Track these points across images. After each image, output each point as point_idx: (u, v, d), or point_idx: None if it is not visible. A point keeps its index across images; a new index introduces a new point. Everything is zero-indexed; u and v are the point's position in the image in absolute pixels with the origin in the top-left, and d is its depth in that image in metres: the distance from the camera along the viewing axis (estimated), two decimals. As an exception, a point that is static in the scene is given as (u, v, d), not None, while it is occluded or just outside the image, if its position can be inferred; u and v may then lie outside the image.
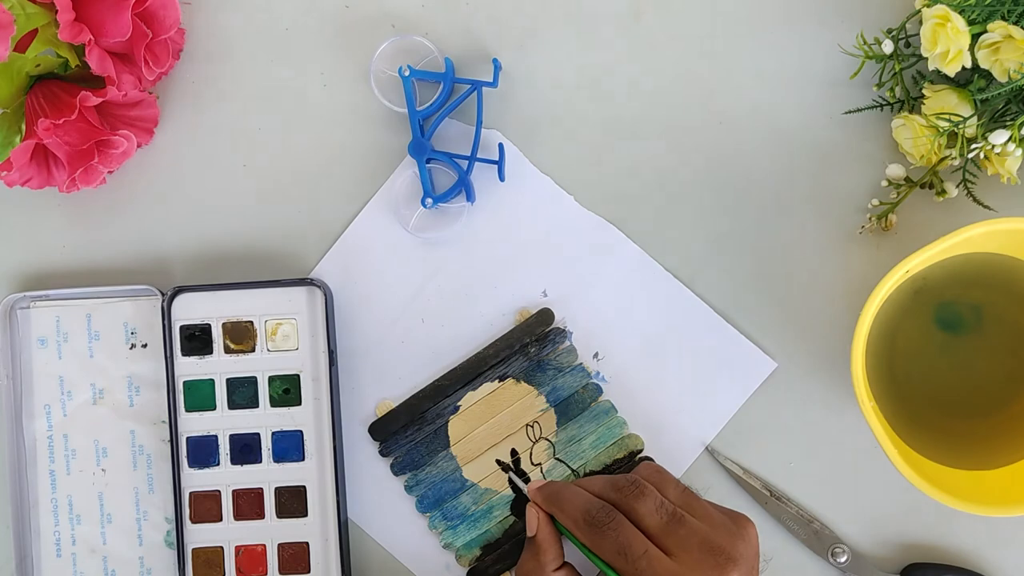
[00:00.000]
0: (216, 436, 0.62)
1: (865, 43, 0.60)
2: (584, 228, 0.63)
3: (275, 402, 0.62)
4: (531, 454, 0.62)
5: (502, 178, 0.62)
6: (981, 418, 0.59)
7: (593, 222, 0.63)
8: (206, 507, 0.62)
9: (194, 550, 0.62)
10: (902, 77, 0.60)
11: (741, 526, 0.54)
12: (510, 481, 0.62)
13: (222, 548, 0.62)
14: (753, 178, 0.63)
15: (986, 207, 0.60)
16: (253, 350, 0.62)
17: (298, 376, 0.62)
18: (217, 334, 0.62)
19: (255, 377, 0.62)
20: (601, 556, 0.53)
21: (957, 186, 0.60)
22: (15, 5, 0.56)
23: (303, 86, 0.64)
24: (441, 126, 0.63)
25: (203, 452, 0.62)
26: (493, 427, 0.62)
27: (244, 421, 0.62)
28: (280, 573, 0.62)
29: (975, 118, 0.57)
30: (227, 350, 0.62)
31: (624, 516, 0.53)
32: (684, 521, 0.53)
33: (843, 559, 0.61)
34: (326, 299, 0.61)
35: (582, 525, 0.54)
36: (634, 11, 0.63)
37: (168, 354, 0.61)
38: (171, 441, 0.62)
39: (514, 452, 0.62)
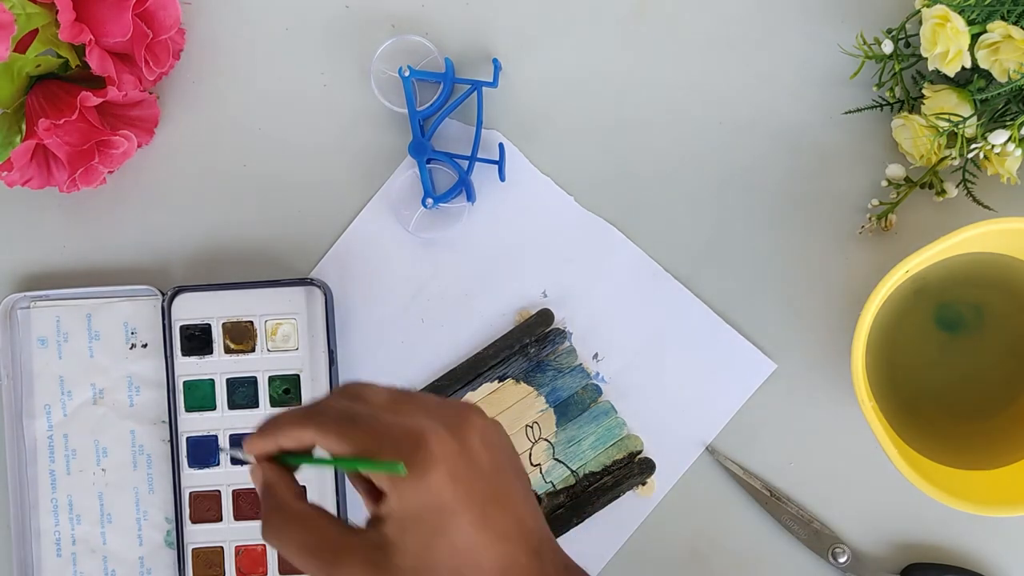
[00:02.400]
0: (216, 436, 0.62)
1: (865, 43, 0.60)
2: (584, 228, 0.63)
3: (275, 402, 0.62)
4: (530, 455, 0.62)
5: (502, 178, 0.62)
6: (981, 418, 0.59)
7: (593, 222, 0.63)
8: (206, 507, 0.62)
9: (194, 550, 0.62)
10: (902, 77, 0.60)
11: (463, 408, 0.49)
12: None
13: (222, 548, 0.62)
14: (753, 178, 0.63)
15: (986, 207, 0.60)
16: (253, 350, 0.62)
17: (298, 376, 0.62)
18: (217, 334, 0.62)
19: (255, 377, 0.62)
20: (327, 435, 0.46)
21: (957, 186, 0.60)
22: (16, 5, 0.56)
23: (303, 86, 0.64)
24: (441, 126, 0.63)
25: (203, 452, 0.62)
26: (493, 427, 0.62)
27: (244, 421, 0.62)
28: (280, 573, 0.62)
29: (975, 118, 0.57)
30: (227, 350, 0.62)
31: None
32: (413, 394, 0.48)
33: (843, 559, 0.61)
34: (326, 299, 0.61)
35: (301, 419, 0.46)
36: (634, 11, 0.63)
37: (168, 354, 0.62)
38: (171, 441, 0.62)
39: (514, 452, 0.62)
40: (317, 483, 0.61)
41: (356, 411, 0.46)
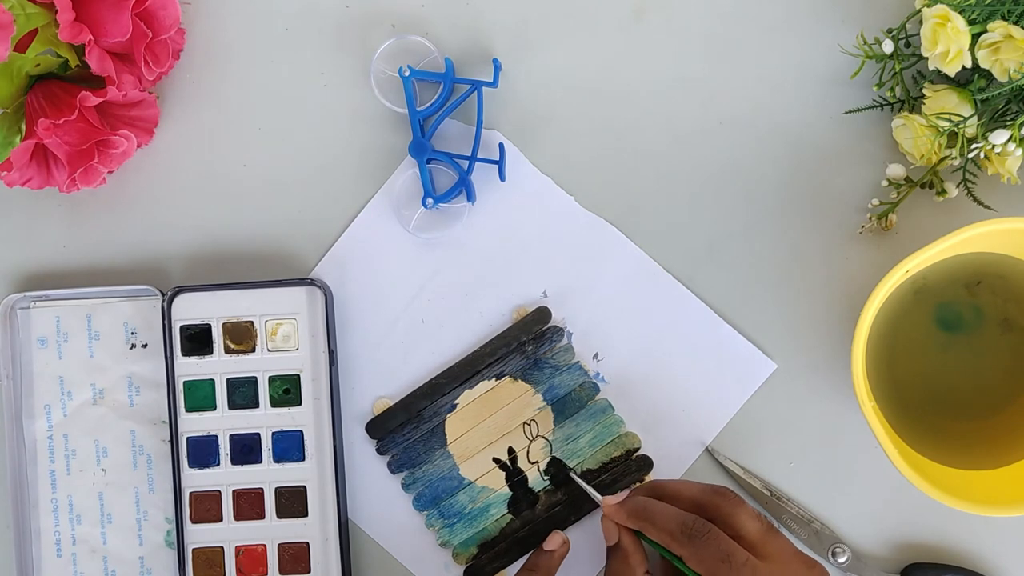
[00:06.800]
0: (216, 436, 0.62)
1: (865, 43, 0.60)
2: (584, 228, 0.63)
3: (275, 402, 0.62)
4: (528, 452, 0.62)
5: (503, 178, 0.62)
6: (981, 418, 0.59)
7: (593, 222, 0.63)
8: (206, 507, 0.62)
9: (194, 550, 0.62)
10: (902, 77, 0.60)
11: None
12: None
13: (222, 548, 0.62)
14: (753, 178, 0.63)
15: (986, 207, 0.60)
16: (253, 350, 0.62)
17: (298, 376, 0.62)
18: (217, 334, 0.62)
19: (255, 377, 0.62)
20: (700, 565, 0.53)
21: (957, 186, 0.60)
22: (15, 5, 0.56)
23: (303, 86, 0.64)
24: (441, 126, 0.63)
25: (203, 452, 0.62)
26: (490, 425, 0.62)
27: (244, 421, 0.62)
28: (280, 573, 0.62)
29: (975, 118, 0.57)
30: (227, 350, 0.62)
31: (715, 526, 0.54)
32: (778, 532, 0.55)
33: (843, 559, 0.61)
34: (326, 299, 0.61)
35: (679, 536, 0.54)
36: (634, 11, 0.63)
37: (168, 354, 0.62)
38: (171, 441, 0.62)
39: (511, 450, 0.62)
40: (318, 482, 0.61)
41: (728, 552, 0.52)
